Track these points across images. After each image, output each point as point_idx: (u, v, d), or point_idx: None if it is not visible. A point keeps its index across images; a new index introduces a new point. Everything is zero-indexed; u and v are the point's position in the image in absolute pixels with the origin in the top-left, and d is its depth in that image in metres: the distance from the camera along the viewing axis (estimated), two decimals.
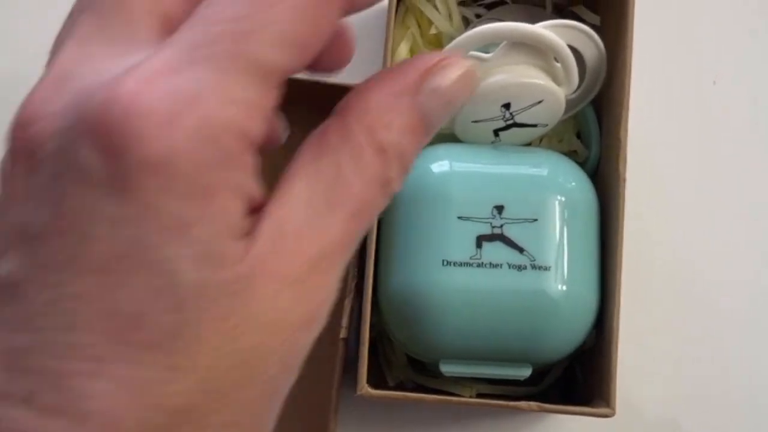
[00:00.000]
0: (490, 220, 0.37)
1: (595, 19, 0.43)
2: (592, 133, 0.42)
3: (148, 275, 0.21)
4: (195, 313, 0.21)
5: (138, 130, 0.20)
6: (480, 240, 0.37)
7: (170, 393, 0.21)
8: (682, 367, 0.46)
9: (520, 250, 0.37)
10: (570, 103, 0.39)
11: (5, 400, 0.21)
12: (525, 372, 0.38)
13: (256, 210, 0.22)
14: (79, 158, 0.21)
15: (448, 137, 0.39)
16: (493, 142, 0.39)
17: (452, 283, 0.37)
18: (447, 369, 0.38)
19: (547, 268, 0.36)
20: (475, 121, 0.37)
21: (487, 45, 0.36)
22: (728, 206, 0.48)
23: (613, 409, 0.37)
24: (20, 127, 0.22)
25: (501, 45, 0.36)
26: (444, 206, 0.37)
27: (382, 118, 0.23)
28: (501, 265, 0.36)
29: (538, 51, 0.36)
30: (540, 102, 0.37)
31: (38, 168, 0.21)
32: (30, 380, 0.21)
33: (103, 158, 0.21)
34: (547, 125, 0.38)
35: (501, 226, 0.37)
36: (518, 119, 0.38)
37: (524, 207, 0.37)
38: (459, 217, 0.37)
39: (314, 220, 0.22)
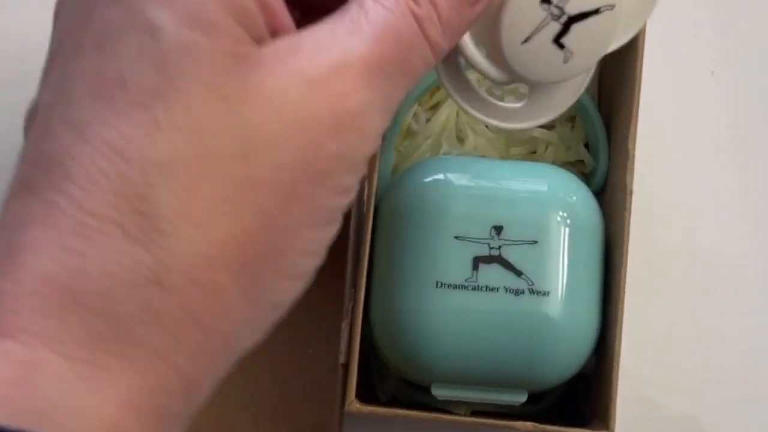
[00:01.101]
0: (488, 241, 0.35)
1: None
2: (600, 142, 0.40)
3: (134, 37, 0.21)
4: (178, 74, 0.21)
5: None
6: (477, 262, 0.35)
7: (150, 148, 0.21)
8: (689, 393, 0.45)
9: (518, 273, 0.35)
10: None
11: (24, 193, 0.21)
12: (520, 398, 0.37)
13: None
14: None
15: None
16: (566, 62, 0.29)
17: (446, 306, 0.35)
18: (439, 393, 0.37)
19: (545, 294, 0.35)
20: (525, 41, 0.28)
21: None
22: (741, 212, 0.46)
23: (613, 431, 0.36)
24: None
25: None
26: (440, 224, 0.36)
27: None
28: (498, 288, 0.35)
29: None
30: None
31: None
32: (27, 166, 0.22)
33: None
34: (613, 6, 0.28)
35: (499, 247, 0.35)
36: (570, 9, 0.28)
37: (524, 228, 0.35)
38: (455, 237, 0.35)
39: (335, 37, 0.23)
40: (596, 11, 0.29)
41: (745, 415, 0.45)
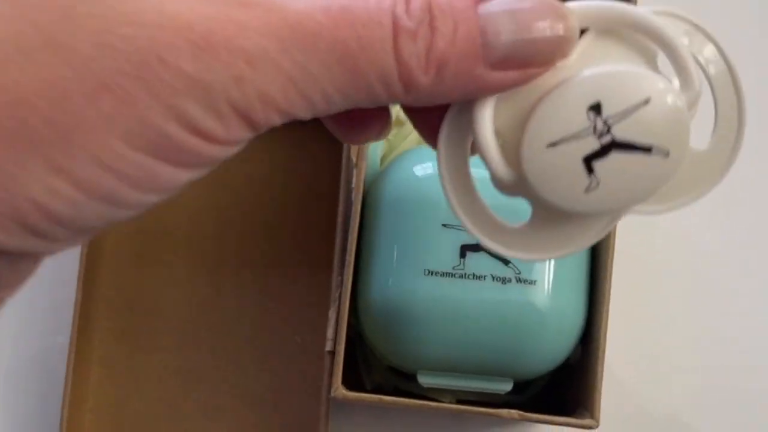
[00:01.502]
0: None
1: None
2: None
3: None
4: None
5: None
6: (464, 249, 0.35)
7: None
8: (671, 381, 0.45)
9: (505, 262, 0.35)
10: (711, 160, 0.26)
11: None
12: (506, 386, 0.37)
13: None
14: None
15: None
16: (588, 191, 0.23)
17: (434, 293, 0.35)
18: (425, 380, 0.37)
19: (532, 283, 0.35)
20: (552, 145, 0.22)
21: None
22: (730, 210, 0.46)
23: (597, 420, 0.36)
24: None
25: (582, 37, 0.24)
26: (428, 212, 0.36)
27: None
28: (484, 276, 0.35)
29: (634, 47, 0.24)
30: (647, 102, 0.23)
31: None
32: None
33: None
34: (667, 154, 0.23)
35: None
36: (618, 133, 0.22)
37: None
38: (443, 225, 0.35)
39: None
40: (647, 149, 0.23)
41: (730, 405, 0.45)
